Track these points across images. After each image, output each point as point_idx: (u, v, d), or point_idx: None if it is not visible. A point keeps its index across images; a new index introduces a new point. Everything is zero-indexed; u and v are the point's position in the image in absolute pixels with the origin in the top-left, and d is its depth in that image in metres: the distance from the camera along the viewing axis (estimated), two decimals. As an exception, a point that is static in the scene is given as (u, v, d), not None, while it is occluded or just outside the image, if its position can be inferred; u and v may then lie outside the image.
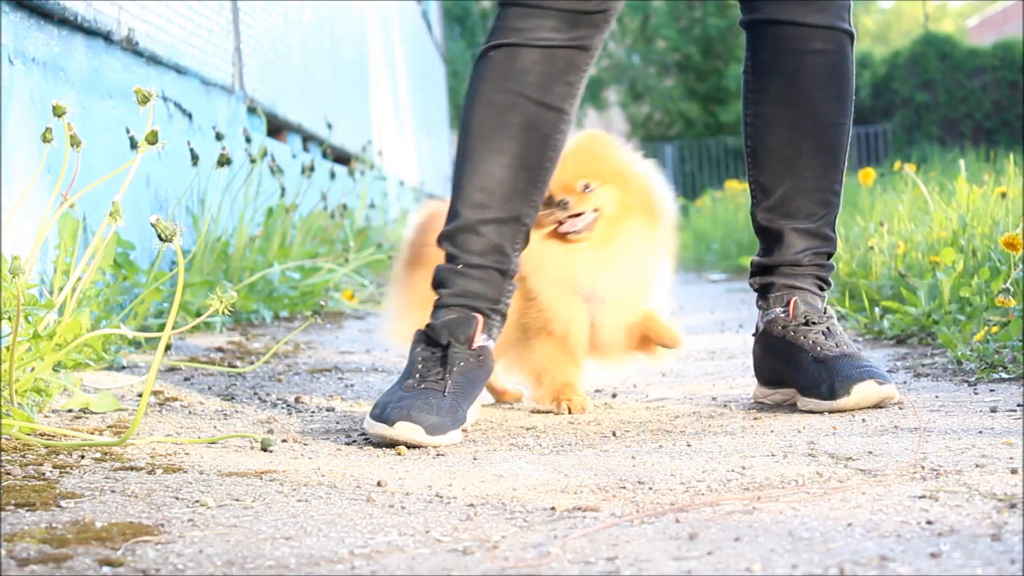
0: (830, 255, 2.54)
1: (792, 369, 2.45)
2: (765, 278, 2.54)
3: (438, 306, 2.42)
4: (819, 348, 2.41)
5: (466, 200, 2.42)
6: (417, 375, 2.32)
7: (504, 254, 2.41)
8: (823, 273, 2.53)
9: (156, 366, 2.00)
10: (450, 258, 2.42)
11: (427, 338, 2.37)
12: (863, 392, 2.34)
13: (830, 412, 2.36)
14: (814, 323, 2.45)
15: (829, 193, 2.52)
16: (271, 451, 2.17)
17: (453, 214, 2.43)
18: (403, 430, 2.19)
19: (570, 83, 2.43)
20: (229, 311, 2.14)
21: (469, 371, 2.33)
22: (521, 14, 2.40)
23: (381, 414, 2.23)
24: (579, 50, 2.42)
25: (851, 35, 2.49)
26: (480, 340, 2.37)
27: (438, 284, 2.43)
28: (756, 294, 2.58)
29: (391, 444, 2.22)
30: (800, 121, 2.49)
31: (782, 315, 2.49)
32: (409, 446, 2.21)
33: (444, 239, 2.44)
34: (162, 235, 1.97)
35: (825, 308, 2.49)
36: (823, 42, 2.46)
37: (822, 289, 2.53)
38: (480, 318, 2.38)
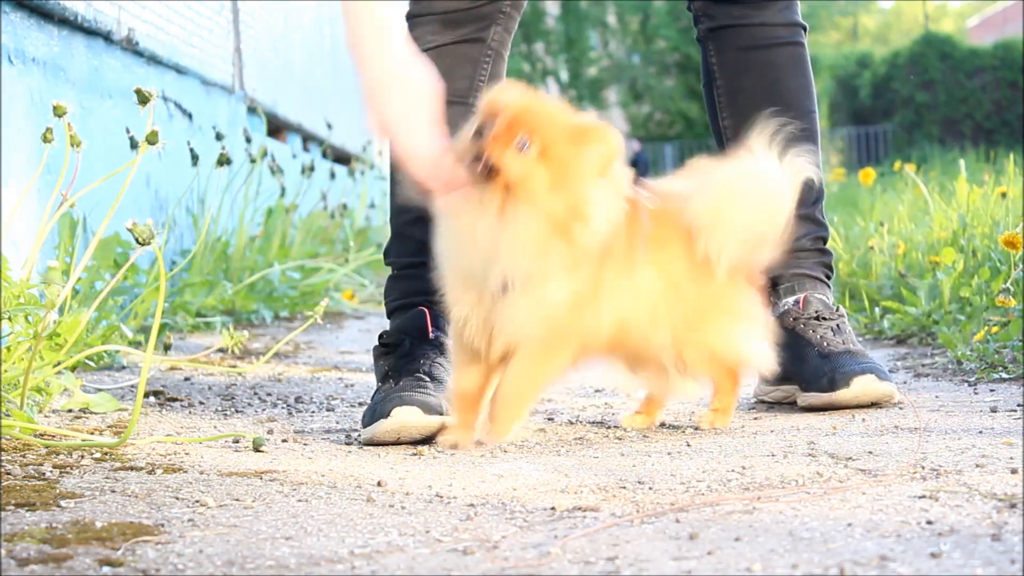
0: (825, 240, 2.60)
1: (797, 361, 2.46)
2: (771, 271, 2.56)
3: (388, 316, 2.51)
4: (826, 344, 2.43)
5: (391, 212, 2.53)
6: (390, 380, 2.35)
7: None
8: (825, 259, 2.58)
9: (146, 368, 2.00)
10: (391, 270, 2.53)
11: (386, 347, 2.42)
12: (863, 385, 2.35)
13: (829, 405, 2.37)
14: (825, 319, 2.48)
15: (815, 179, 2.58)
16: (263, 451, 2.17)
17: (391, 230, 2.54)
18: (401, 415, 2.20)
19: (469, 76, 2.50)
20: (227, 308, 2.14)
21: (435, 359, 2.38)
22: (414, 24, 2.51)
23: (372, 415, 2.24)
24: (471, 43, 2.48)
25: (805, 28, 2.60)
26: (434, 332, 2.42)
27: (385, 296, 2.53)
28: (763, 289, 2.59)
29: (394, 442, 2.22)
30: (781, 113, 2.53)
31: (794, 307, 2.50)
32: (411, 440, 2.21)
33: (384, 256, 2.54)
34: (139, 239, 1.98)
35: (837, 306, 2.51)
36: (788, 36, 2.56)
37: (828, 277, 2.57)
38: (425, 311, 2.44)
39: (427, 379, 2.31)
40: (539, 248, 2.02)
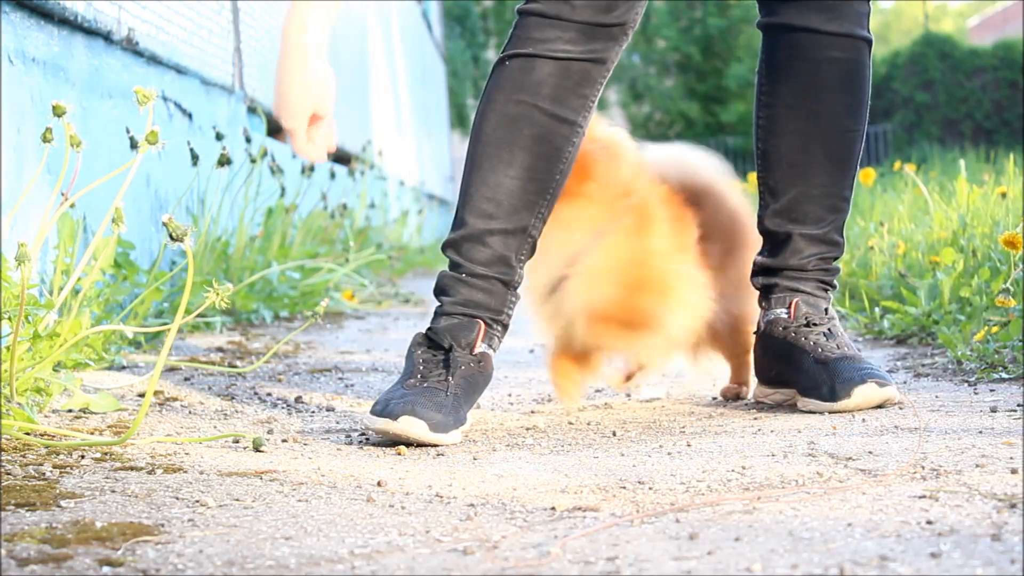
0: (836, 259, 2.55)
1: (793, 370, 2.45)
2: (769, 279, 2.54)
3: (439, 313, 2.40)
4: (820, 349, 2.42)
5: (473, 209, 2.39)
6: (419, 375, 2.31)
7: (509, 265, 2.39)
8: (828, 277, 2.53)
9: (160, 366, 2.00)
10: (453, 266, 2.41)
11: (429, 341, 2.37)
12: (864, 394, 2.34)
13: (831, 413, 2.37)
14: (815, 324, 2.46)
15: (839, 199, 2.53)
16: (263, 451, 2.17)
17: (459, 222, 2.41)
18: (407, 424, 2.19)
19: (584, 96, 2.40)
20: (227, 308, 2.14)
21: (470, 375, 2.33)
22: (539, 24, 2.38)
23: (384, 409, 2.23)
24: (595, 63, 2.39)
25: (869, 42, 2.47)
26: (481, 347, 2.36)
27: (440, 291, 2.41)
28: (758, 293, 2.58)
29: (393, 442, 2.22)
30: (812, 128, 2.48)
31: (783, 316, 2.49)
32: (410, 444, 2.21)
33: (448, 247, 2.42)
34: (173, 234, 1.97)
35: (827, 309, 2.49)
36: (840, 50, 2.44)
37: (826, 290, 2.53)
38: (482, 325, 2.37)
39: (450, 394, 2.27)
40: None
